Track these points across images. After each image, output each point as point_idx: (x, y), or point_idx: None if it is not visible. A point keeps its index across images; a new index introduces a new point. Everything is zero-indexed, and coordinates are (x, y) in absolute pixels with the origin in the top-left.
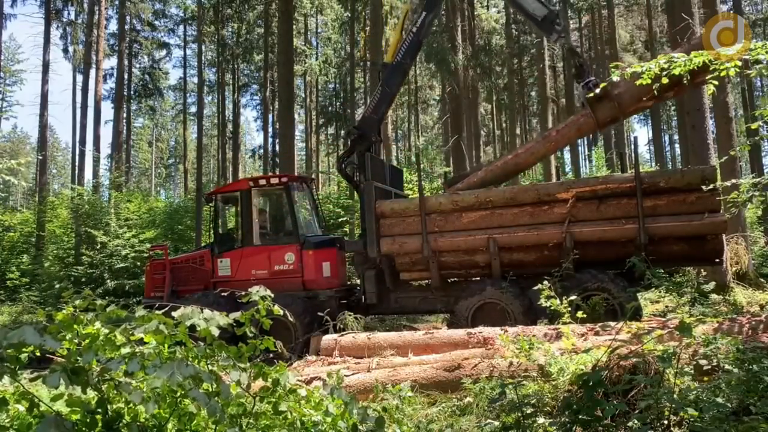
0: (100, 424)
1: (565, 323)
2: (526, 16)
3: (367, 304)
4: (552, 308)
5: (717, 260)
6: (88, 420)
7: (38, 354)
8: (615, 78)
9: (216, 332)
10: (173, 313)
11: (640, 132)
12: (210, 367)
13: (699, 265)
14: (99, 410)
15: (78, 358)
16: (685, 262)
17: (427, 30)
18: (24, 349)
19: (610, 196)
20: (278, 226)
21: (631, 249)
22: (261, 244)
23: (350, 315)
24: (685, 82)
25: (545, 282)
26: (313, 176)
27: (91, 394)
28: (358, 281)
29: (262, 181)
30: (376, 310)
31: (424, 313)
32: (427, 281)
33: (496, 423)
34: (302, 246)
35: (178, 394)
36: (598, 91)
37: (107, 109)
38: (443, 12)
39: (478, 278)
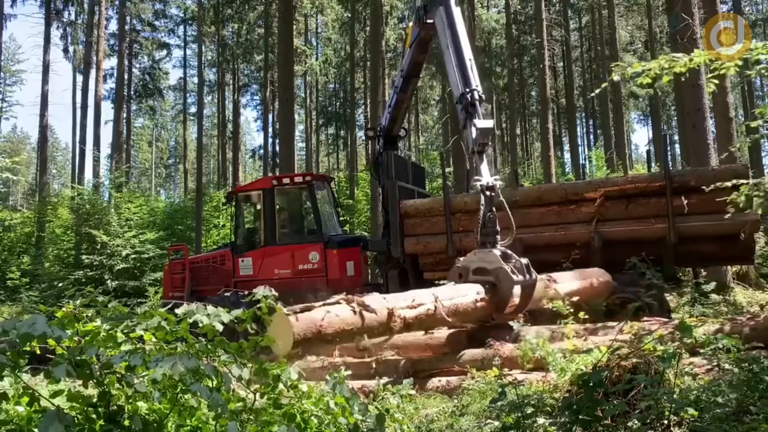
0: (101, 419)
1: (567, 323)
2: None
3: None
4: (554, 308)
5: (748, 259)
6: (89, 414)
7: (38, 352)
8: (615, 78)
9: (219, 328)
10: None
11: (641, 132)
12: (212, 363)
13: (729, 264)
14: (100, 404)
15: (80, 355)
16: (715, 262)
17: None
18: (32, 342)
19: (639, 195)
20: (302, 225)
21: (660, 248)
22: (284, 243)
23: None
24: None
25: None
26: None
27: (93, 390)
28: (381, 280)
29: (286, 180)
30: None
31: None
32: None
33: (496, 423)
34: (326, 245)
35: (179, 389)
36: None
37: (107, 109)
38: None
39: None
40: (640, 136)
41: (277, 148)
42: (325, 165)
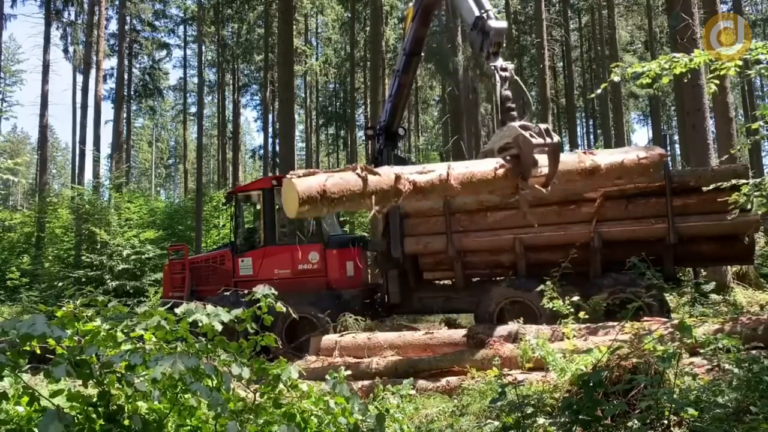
0: (101, 418)
1: (567, 323)
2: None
3: (390, 304)
4: (554, 308)
5: (748, 260)
6: (89, 414)
7: (38, 352)
8: (615, 78)
9: (219, 327)
10: (176, 309)
11: (640, 132)
12: (212, 363)
13: (730, 265)
14: (100, 404)
15: (80, 355)
16: (715, 262)
17: (416, 43)
18: (32, 342)
19: (639, 196)
20: (301, 225)
21: (660, 248)
22: (284, 243)
23: (350, 316)
24: None
25: (548, 282)
26: None
27: (93, 390)
28: (381, 281)
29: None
30: (400, 310)
31: (449, 312)
32: (451, 280)
33: (496, 423)
34: (326, 245)
35: (179, 388)
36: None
37: (107, 109)
38: (443, 12)
39: (502, 278)
40: (640, 136)
41: (277, 148)
42: (325, 165)
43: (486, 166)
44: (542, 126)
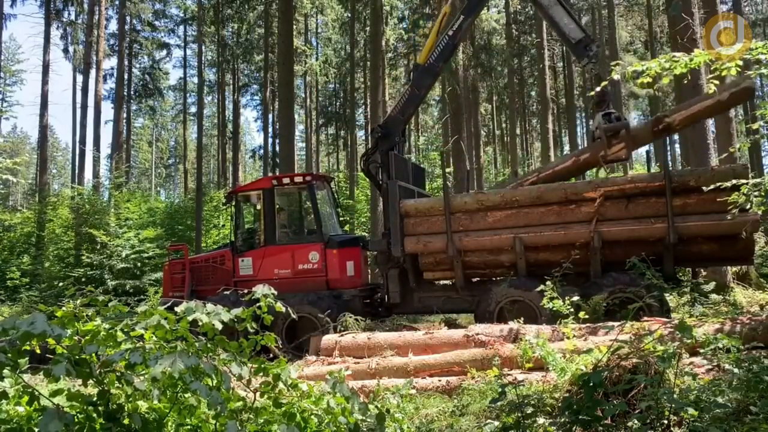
0: (101, 417)
1: (567, 323)
2: (560, 35)
3: (390, 304)
4: (554, 308)
5: (748, 260)
6: (89, 413)
7: (38, 351)
8: (615, 76)
9: (219, 326)
10: (176, 308)
11: None
12: (211, 362)
13: (729, 265)
14: (100, 403)
15: (80, 354)
16: (715, 262)
17: (463, 33)
18: (32, 341)
19: (639, 195)
20: (302, 225)
21: (660, 248)
22: (284, 243)
23: (350, 316)
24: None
25: (548, 282)
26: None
27: (93, 389)
28: (381, 280)
29: (286, 180)
30: (400, 310)
31: (449, 312)
32: (451, 280)
33: (496, 423)
34: (326, 245)
35: (179, 387)
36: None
37: (107, 109)
38: None
39: (501, 277)
40: None
41: (277, 148)
42: (325, 165)
43: (566, 162)
44: (615, 113)
